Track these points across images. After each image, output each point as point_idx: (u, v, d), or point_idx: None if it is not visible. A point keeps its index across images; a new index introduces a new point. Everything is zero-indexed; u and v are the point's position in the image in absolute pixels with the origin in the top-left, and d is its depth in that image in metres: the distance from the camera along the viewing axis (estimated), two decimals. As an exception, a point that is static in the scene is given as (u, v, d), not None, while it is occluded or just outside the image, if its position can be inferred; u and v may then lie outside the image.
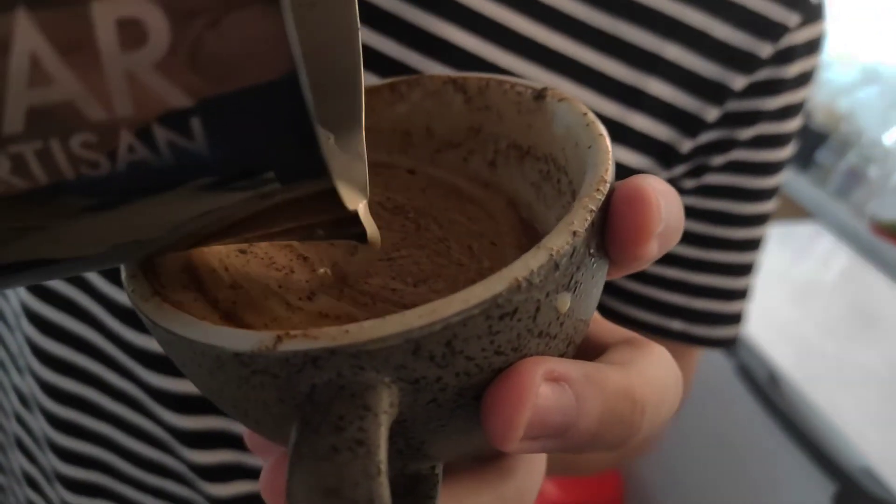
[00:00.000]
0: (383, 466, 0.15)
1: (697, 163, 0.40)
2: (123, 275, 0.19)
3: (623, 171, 0.39)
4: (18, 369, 0.46)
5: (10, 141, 0.12)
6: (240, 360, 0.16)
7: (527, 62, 0.36)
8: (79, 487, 0.45)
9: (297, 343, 0.15)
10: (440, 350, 0.16)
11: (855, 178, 1.49)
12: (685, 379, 0.53)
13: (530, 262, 0.16)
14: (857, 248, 1.42)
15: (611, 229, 0.18)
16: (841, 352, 1.19)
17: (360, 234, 0.19)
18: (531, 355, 0.17)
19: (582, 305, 0.18)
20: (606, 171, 0.19)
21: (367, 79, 0.33)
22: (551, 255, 0.16)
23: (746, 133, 0.40)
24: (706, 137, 0.39)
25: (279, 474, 0.19)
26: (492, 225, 0.24)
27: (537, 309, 0.17)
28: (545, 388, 0.16)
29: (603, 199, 0.18)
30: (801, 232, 1.45)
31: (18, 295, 0.42)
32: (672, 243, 0.19)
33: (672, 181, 0.41)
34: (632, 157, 0.39)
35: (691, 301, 0.44)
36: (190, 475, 0.43)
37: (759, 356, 1.15)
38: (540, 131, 0.23)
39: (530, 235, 0.23)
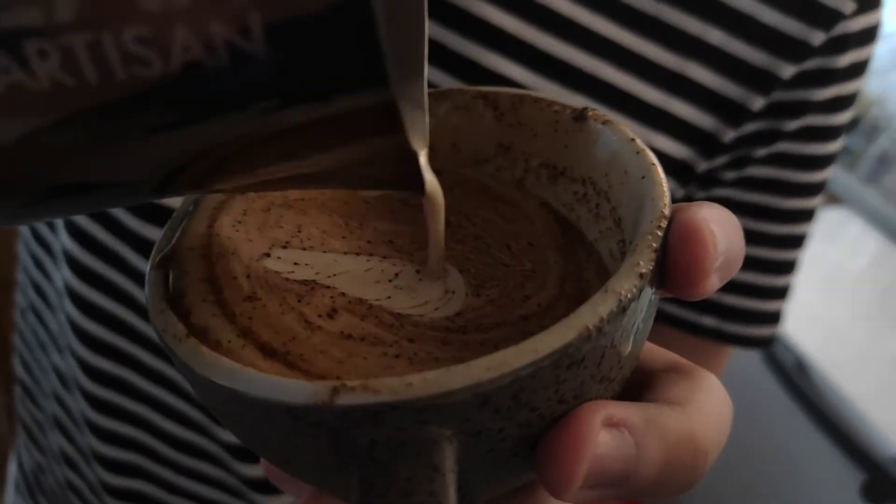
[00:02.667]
0: None
1: (740, 154, 0.39)
2: (152, 311, 0.18)
3: (663, 161, 0.38)
4: (59, 349, 0.46)
5: (59, 31, 0.11)
6: (292, 414, 0.15)
7: (567, 44, 0.35)
8: (116, 467, 0.45)
9: (355, 397, 0.15)
10: (506, 402, 0.15)
11: (885, 163, 1.46)
12: (718, 376, 0.51)
13: (599, 309, 0.16)
14: (887, 233, 1.39)
15: (669, 266, 0.17)
16: (870, 339, 1.18)
17: (419, 182, 0.18)
18: (590, 400, 0.16)
19: (639, 345, 0.18)
20: (665, 206, 0.18)
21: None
22: (620, 299, 0.16)
23: (793, 124, 0.39)
24: (750, 127, 0.38)
25: None
26: (527, 225, 0.23)
27: (602, 355, 0.16)
28: (604, 434, 0.16)
29: (663, 235, 0.17)
30: (831, 217, 1.43)
31: (62, 275, 0.43)
32: (734, 271, 0.19)
33: (712, 172, 0.40)
34: (672, 146, 0.38)
35: (724, 297, 0.43)
36: (224, 456, 0.43)
37: (787, 343, 1.14)
38: (578, 153, 0.23)
39: (568, 236, 0.23)
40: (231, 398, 0.16)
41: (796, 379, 1.13)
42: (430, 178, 0.19)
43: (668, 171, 0.38)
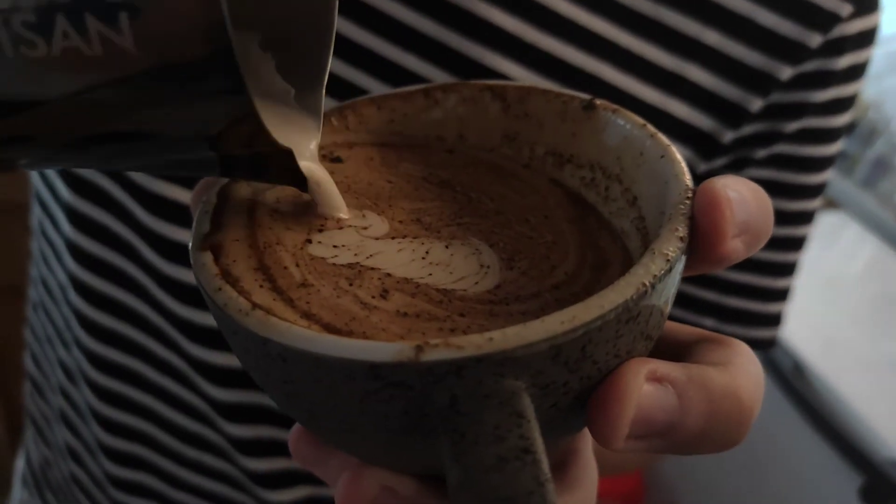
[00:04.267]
0: (549, 472, 0.15)
1: (739, 155, 0.39)
2: (209, 289, 0.19)
3: None
4: (64, 343, 0.46)
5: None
6: (375, 373, 0.16)
7: (567, 45, 0.35)
8: (121, 458, 0.46)
9: (440, 353, 0.15)
10: (575, 355, 0.16)
11: (882, 168, 1.47)
12: None
13: (652, 268, 0.17)
14: (884, 237, 1.40)
15: (694, 235, 0.19)
16: (867, 342, 1.18)
17: (299, 178, 0.20)
18: (635, 357, 0.18)
19: (669, 309, 0.19)
20: (688, 179, 0.20)
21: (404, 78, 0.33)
22: (668, 259, 0.17)
23: (791, 126, 0.39)
24: (749, 129, 0.38)
25: (360, 486, 0.19)
26: (539, 199, 0.24)
27: (651, 313, 0.17)
28: (648, 387, 0.17)
29: (691, 204, 0.19)
30: (828, 222, 1.43)
31: (66, 267, 0.43)
32: (762, 239, 0.19)
33: (712, 173, 0.40)
34: None
35: (724, 299, 0.43)
36: (228, 448, 0.43)
37: (785, 346, 1.14)
38: (586, 140, 0.24)
39: (579, 209, 0.24)
40: (310, 363, 0.16)
41: (794, 382, 1.13)
42: (306, 165, 0.20)
43: None
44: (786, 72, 0.37)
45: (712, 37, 0.36)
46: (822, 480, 1.09)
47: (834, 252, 1.40)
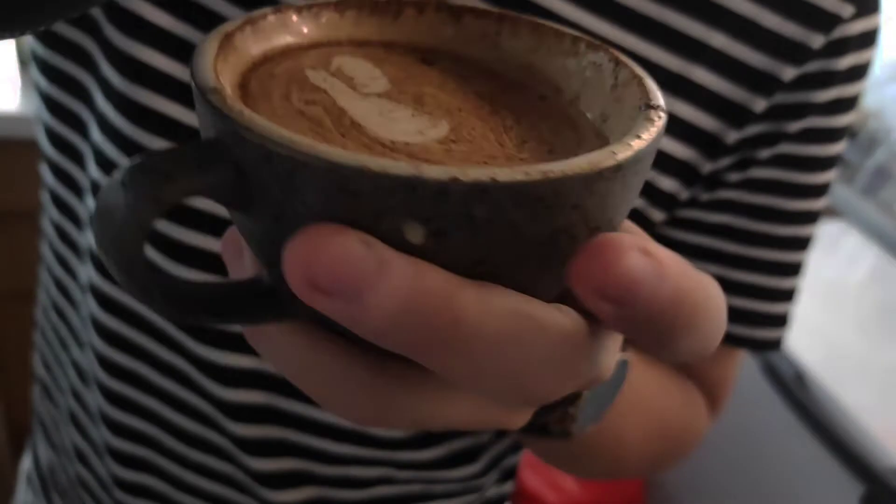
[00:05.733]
0: None
1: (744, 155, 0.40)
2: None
3: (667, 162, 0.39)
4: (80, 345, 0.47)
5: None
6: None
7: None
8: (127, 461, 0.46)
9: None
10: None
11: (882, 176, 1.48)
12: (726, 384, 0.50)
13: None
14: (886, 246, 1.40)
15: None
16: (869, 351, 1.18)
17: None
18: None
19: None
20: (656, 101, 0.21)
21: None
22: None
23: (795, 126, 0.39)
24: (753, 129, 0.39)
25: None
26: (521, 98, 0.25)
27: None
28: (631, 253, 0.17)
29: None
30: (829, 230, 1.44)
31: (87, 272, 0.43)
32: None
33: (717, 173, 0.40)
34: (676, 147, 0.38)
35: (730, 299, 0.43)
36: (232, 450, 0.43)
37: (786, 355, 1.14)
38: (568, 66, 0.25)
39: (556, 114, 0.24)
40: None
41: (796, 391, 1.13)
42: None
43: (672, 172, 0.39)
44: (789, 72, 0.37)
45: (717, 39, 0.37)
46: (823, 489, 1.09)
47: (835, 260, 1.40)
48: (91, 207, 0.42)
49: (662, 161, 0.39)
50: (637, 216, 0.40)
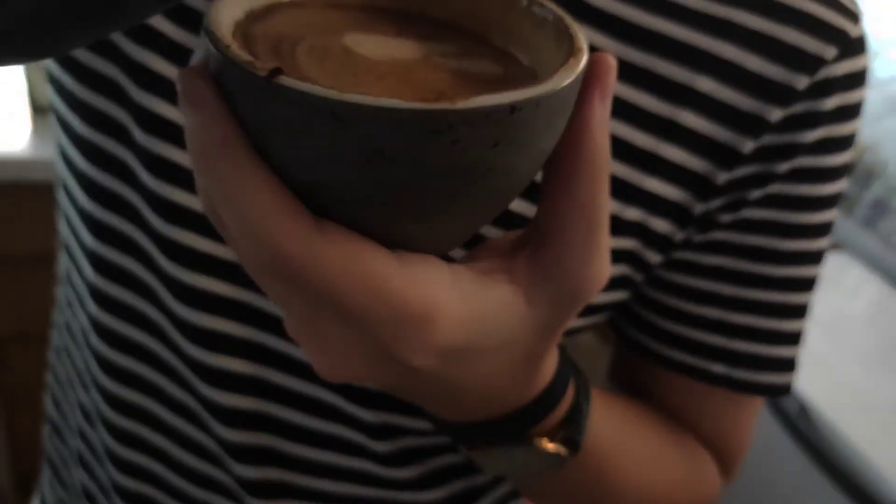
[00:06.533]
0: None
1: (735, 196, 0.40)
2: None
3: (660, 203, 0.39)
4: (84, 385, 0.47)
5: None
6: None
7: None
8: (133, 499, 0.46)
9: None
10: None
11: (881, 209, 1.48)
12: (740, 436, 0.50)
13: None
14: (887, 278, 1.40)
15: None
16: (872, 383, 1.18)
17: None
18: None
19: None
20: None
21: None
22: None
23: (784, 166, 0.40)
24: (743, 171, 0.39)
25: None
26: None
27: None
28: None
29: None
30: (830, 262, 1.44)
31: (87, 310, 0.44)
32: None
33: (709, 214, 0.41)
34: (667, 189, 0.39)
35: (732, 342, 0.43)
36: (237, 489, 0.44)
37: (796, 395, 1.14)
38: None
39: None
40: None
41: (800, 424, 1.12)
42: None
43: (664, 214, 0.40)
44: (775, 114, 0.38)
45: (704, 83, 0.38)
46: (830, 523, 1.08)
47: (837, 293, 1.41)
48: (85, 241, 0.43)
49: (655, 203, 0.39)
50: (633, 258, 0.41)
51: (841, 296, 1.40)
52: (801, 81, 0.38)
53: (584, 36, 0.23)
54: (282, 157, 0.21)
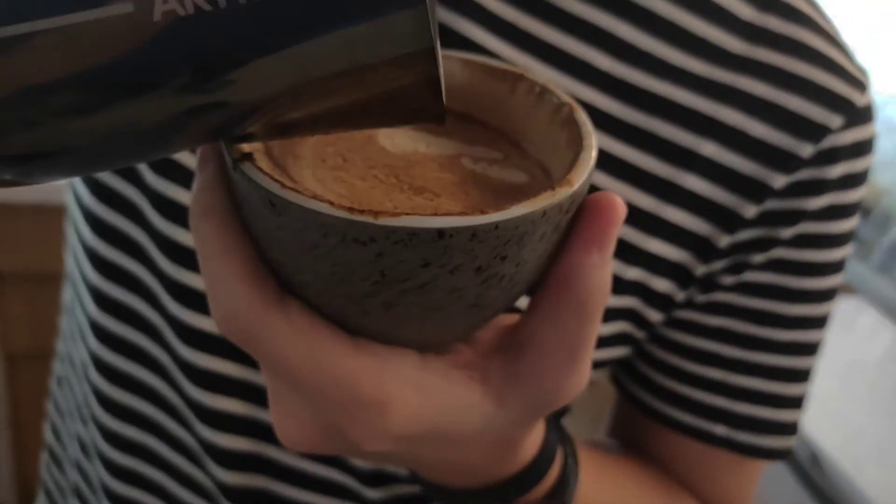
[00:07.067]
0: None
1: (737, 259, 0.40)
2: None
3: (660, 263, 0.39)
4: (83, 419, 0.47)
5: None
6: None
7: None
8: None
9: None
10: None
11: (898, 254, 1.47)
12: (744, 495, 0.50)
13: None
14: (903, 324, 1.38)
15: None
16: (886, 432, 1.16)
17: (440, 110, 0.20)
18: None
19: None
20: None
21: None
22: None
23: (788, 232, 0.40)
24: (745, 235, 0.39)
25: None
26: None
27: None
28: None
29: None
30: (845, 307, 1.43)
31: (88, 345, 0.44)
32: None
33: (711, 276, 0.41)
34: (668, 250, 0.39)
35: (733, 404, 0.43)
36: None
37: (802, 436, 1.12)
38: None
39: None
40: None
41: (812, 473, 1.11)
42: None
43: (665, 274, 0.39)
44: (779, 180, 0.38)
45: (707, 147, 0.37)
46: (840, 576, 1.06)
47: (851, 338, 1.39)
48: (88, 276, 0.43)
49: (656, 263, 0.39)
50: (633, 316, 0.41)
51: (855, 341, 1.38)
52: (806, 149, 0.38)
53: (591, 158, 0.23)
54: (252, 232, 0.22)
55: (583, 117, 0.25)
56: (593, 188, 0.37)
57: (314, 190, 0.22)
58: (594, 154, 0.23)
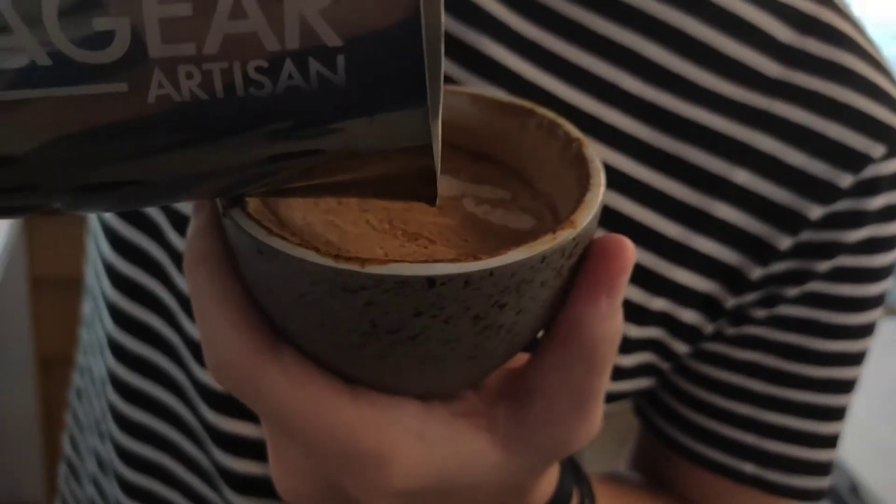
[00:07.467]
0: None
1: (770, 292, 0.38)
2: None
3: (688, 293, 0.38)
4: (100, 434, 0.47)
5: (205, 59, 0.16)
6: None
7: None
8: None
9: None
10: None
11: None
12: None
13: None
14: (948, 350, 1.34)
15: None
16: (929, 462, 1.12)
17: (432, 195, 0.20)
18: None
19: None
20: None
21: None
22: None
23: (824, 265, 0.38)
24: (779, 266, 0.38)
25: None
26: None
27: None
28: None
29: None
30: (886, 329, 1.38)
31: (106, 362, 0.44)
32: None
33: (742, 308, 0.39)
34: (696, 280, 0.37)
35: (763, 442, 0.41)
36: None
37: (840, 464, 1.09)
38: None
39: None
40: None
41: (851, 503, 1.08)
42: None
43: (693, 305, 0.38)
44: (816, 211, 0.37)
45: (740, 175, 0.36)
46: None
47: (893, 361, 1.34)
48: (107, 292, 0.43)
49: (683, 294, 0.38)
50: (658, 347, 0.39)
51: (897, 366, 1.34)
52: (845, 179, 0.36)
53: (597, 197, 0.22)
54: (245, 279, 0.22)
55: (592, 153, 0.24)
56: (618, 216, 0.36)
57: (303, 236, 0.21)
58: (601, 193, 0.22)
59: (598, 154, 0.35)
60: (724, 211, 0.36)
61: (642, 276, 0.37)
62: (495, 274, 0.19)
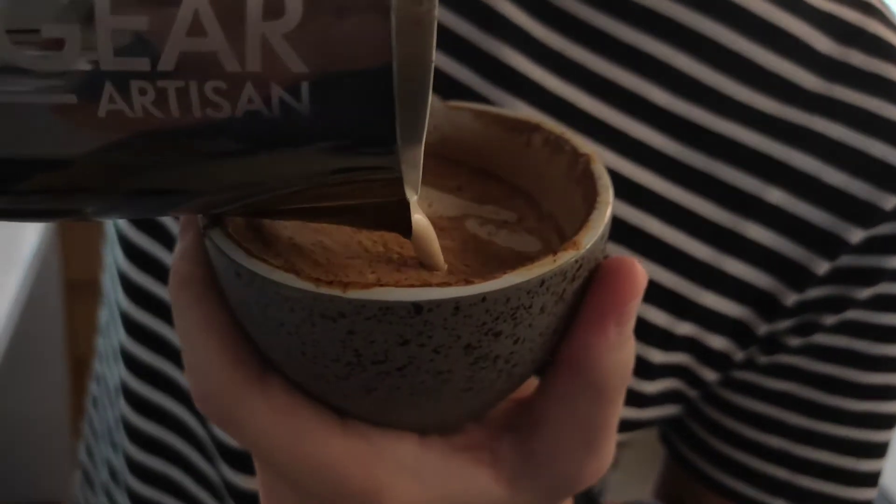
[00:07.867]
0: None
1: (805, 319, 0.36)
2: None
3: (717, 319, 0.36)
4: (112, 444, 0.47)
5: (160, 77, 0.15)
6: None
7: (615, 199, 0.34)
8: None
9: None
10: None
11: None
12: None
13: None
14: None
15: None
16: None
17: (407, 227, 0.20)
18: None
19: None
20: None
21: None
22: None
23: (865, 292, 0.36)
24: (815, 293, 0.36)
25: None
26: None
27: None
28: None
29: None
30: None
31: (119, 372, 0.44)
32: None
33: (775, 335, 0.37)
34: (726, 305, 0.36)
35: (796, 478, 0.39)
36: None
37: (880, 488, 1.05)
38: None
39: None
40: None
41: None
42: (417, 218, 0.21)
43: (722, 332, 0.36)
44: (856, 234, 0.34)
45: (775, 195, 0.34)
46: None
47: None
48: (120, 300, 0.43)
49: (711, 319, 0.36)
50: (685, 373, 0.37)
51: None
52: (889, 201, 0.34)
53: (603, 220, 0.20)
54: (230, 304, 0.20)
55: (601, 169, 0.22)
56: (645, 236, 0.34)
57: (288, 257, 0.20)
58: (609, 212, 0.20)
59: (625, 170, 0.34)
60: (757, 232, 0.35)
61: (669, 300, 0.35)
62: (488, 299, 0.17)
